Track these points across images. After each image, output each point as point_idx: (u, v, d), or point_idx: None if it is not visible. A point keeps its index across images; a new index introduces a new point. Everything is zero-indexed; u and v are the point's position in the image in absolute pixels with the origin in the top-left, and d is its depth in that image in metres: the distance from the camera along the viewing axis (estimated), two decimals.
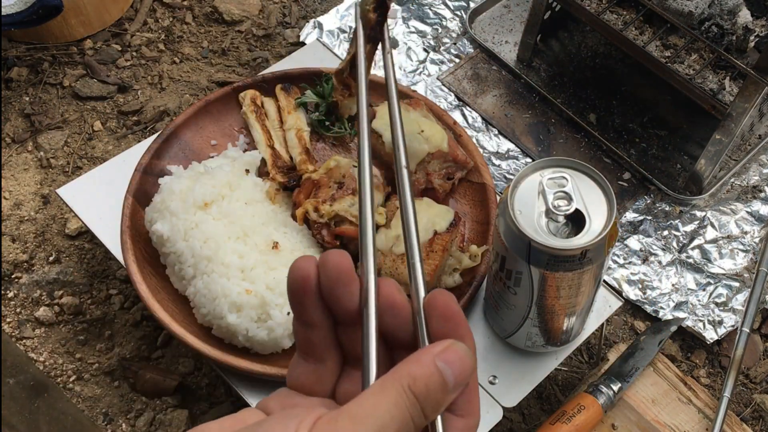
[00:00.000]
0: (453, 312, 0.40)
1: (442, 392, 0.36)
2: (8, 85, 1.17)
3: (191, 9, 1.27)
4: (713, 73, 1.01)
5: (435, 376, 0.36)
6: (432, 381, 0.36)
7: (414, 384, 0.36)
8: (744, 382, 0.97)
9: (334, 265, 0.39)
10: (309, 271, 0.40)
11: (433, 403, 0.36)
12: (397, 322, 0.41)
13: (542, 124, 1.15)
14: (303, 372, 0.42)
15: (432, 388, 0.36)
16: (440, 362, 0.37)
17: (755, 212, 1.08)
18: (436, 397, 0.36)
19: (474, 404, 0.40)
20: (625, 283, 1.02)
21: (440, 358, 0.37)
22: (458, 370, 0.37)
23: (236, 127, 0.99)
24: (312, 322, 0.41)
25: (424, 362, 0.37)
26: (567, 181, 0.69)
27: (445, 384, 0.36)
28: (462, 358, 0.37)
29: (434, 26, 1.25)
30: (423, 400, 0.36)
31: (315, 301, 0.40)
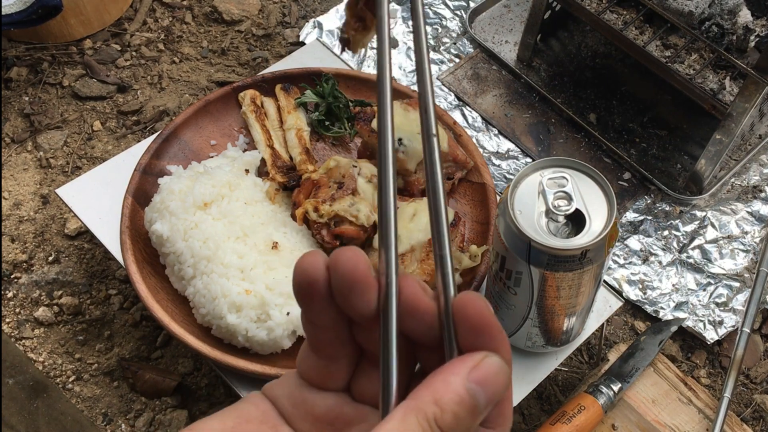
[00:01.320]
0: (487, 323, 0.34)
1: (471, 418, 0.32)
2: (8, 85, 1.17)
3: (191, 9, 1.27)
4: (713, 73, 1.01)
5: (465, 403, 0.32)
6: (461, 409, 0.32)
7: (441, 417, 0.31)
8: (744, 383, 0.97)
9: (349, 270, 0.34)
10: (317, 274, 0.34)
11: (461, 430, 0.32)
12: (422, 327, 0.35)
13: (542, 124, 1.15)
14: (313, 366, 0.37)
15: (462, 418, 0.32)
16: (471, 384, 0.32)
17: (755, 212, 1.07)
18: (466, 426, 0.32)
19: (506, 413, 0.35)
20: (625, 283, 1.01)
21: (472, 379, 0.32)
22: (492, 391, 0.32)
23: (236, 127, 0.99)
24: (321, 324, 0.36)
25: (453, 386, 0.32)
26: (567, 181, 0.69)
27: (476, 408, 0.32)
28: (497, 375, 0.33)
29: (434, 26, 1.25)
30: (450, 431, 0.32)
31: (325, 305, 0.35)
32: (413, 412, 0.32)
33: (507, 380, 0.33)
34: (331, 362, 0.37)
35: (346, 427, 0.37)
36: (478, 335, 0.34)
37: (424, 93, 0.36)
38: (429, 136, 0.36)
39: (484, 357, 0.33)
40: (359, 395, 0.37)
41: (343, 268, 0.34)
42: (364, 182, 0.86)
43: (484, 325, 0.34)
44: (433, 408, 0.31)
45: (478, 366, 0.33)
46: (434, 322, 0.35)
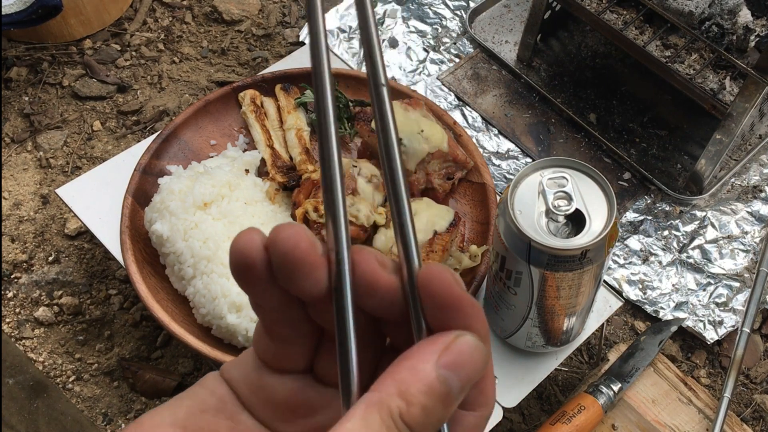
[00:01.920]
0: (456, 298, 0.30)
1: (444, 407, 0.28)
2: (8, 84, 1.17)
3: (191, 9, 1.27)
4: (713, 73, 1.01)
5: (435, 392, 0.28)
6: (431, 399, 0.28)
7: (408, 412, 0.28)
8: (744, 383, 0.97)
9: (289, 249, 0.29)
10: (254, 255, 0.30)
11: (434, 423, 0.29)
12: (384, 304, 0.31)
13: (542, 123, 1.15)
14: (268, 348, 0.33)
15: (432, 408, 0.28)
16: (442, 370, 0.28)
17: (756, 212, 1.07)
18: (438, 416, 0.29)
19: (487, 393, 0.32)
20: (625, 283, 1.01)
21: (443, 364, 0.28)
22: (466, 374, 0.29)
23: (236, 127, 0.99)
24: (269, 307, 0.32)
25: (421, 374, 0.28)
26: (567, 181, 0.69)
27: (449, 396, 0.28)
28: (471, 356, 0.29)
29: (434, 26, 1.25)
30: (421, 428, 0.28)
31: (268, 287, 0.31)
32: (375, 408, 0.28)
33: (484, 360, 0.29)
34: (286, 344, 0.33)
35: (310, 413, 0.33)
36: (446, 312, 0.30)
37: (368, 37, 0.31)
38: (377, 86, 0.31)
39: (456, 337, 0.29)
40: (323, 377, 0.34)
41: (282, 247, 0.29)
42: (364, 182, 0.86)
43: (452, 301, 0.30)
44: (397, 402, 0.28)
45: (450, 348, 0.29)
46: (397, 297, 0.31)
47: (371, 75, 0.31)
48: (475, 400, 0.32)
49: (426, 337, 0.30)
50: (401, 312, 0.31)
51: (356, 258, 0.30)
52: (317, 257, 0.30)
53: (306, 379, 0.34)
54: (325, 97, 0.31)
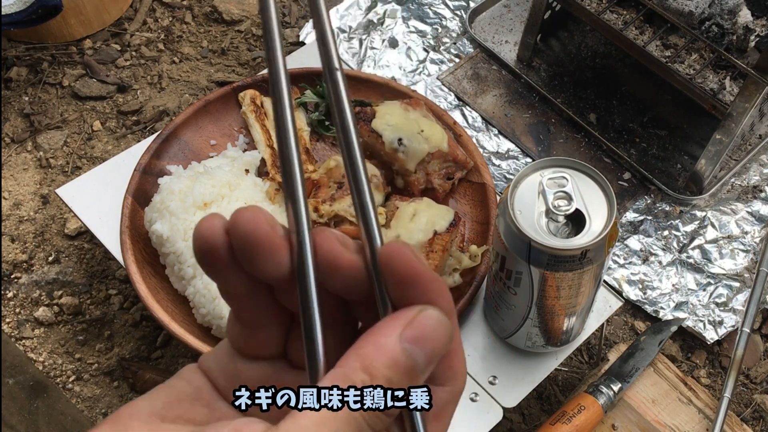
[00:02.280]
0: (416, 273, 0.30)
1: (409, 381, 0.29)
2: (7, 85, 1.17)
3: (191, 9, 1.27)
4: (713, 73, 1.01)
5: (400, 365, 0.28)
6: (395, 372, 0.28)
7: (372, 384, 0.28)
8: (744, 383, 0.97)
9: (249, 232, 0.29)
10: (215, 240, 0.30)
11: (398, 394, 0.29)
12: (349, 284, 0.31)
13: (542, 123, 1.15)
14: (240, 335, 0.33)
15: (396, 381, 0.28)
16: (406, 344, 0.29)
17: (756, 212, 1.07)
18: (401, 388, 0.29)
19: (456, 368, 0.32)
20: (625, 283, 1.01)
21: (406, 338, 0.29)
22: (431, 347, 0.29)
23: (236, 127, 0.99)
24: (235, 293, 0.32)
25: (384, 348, 0.28)
26: (567, 181, 0.69)
27: (414, 369, 0.29)
28: (435, 330, 0.29)
29: (434, 26, 1.25)
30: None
31: (232, 272, 0.31)
32: (339, 381, 0.28)
33: (448, 334, 0.30)
34: (257, 330, 0.33)
35: None
36: (408, 288, 0.30)
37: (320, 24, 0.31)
38: (331, 71, 0.32)
39: (419, 311, 0.29)
40: (296, 361, 0.34)
41: (242, 230, 0.30)
42: None
43: (412, 276, 0.30)
44: (361, 375, 0.28)
45: (413, 322, 0.29)
46: (362, 277, 0.31)
47: (325, 60, 0.32)
48: (444, 375, 0.32)
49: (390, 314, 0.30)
50: (367, 292, 0.31)
51: (318, 239, 0.31)
52: (278, 239, 0.30)
53: (279, 364, 0.34)
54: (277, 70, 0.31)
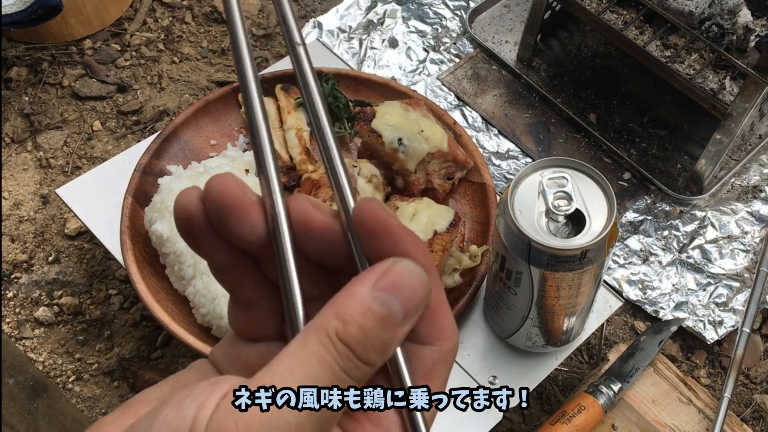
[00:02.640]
0: (385, 225, 0.30)
1: (386, 330, 0.29)
2: (7, 85, 1.17)
3: (191, 9, 1.27)
4: (713, 73, 1.01)
5: (373, 313, 0.28)
6: (369, 320, 0.28)
7: (344, 330, 0.28)
8: (744, 383, 0.97)
9: (219, 194, 0.31)
10: (192, 208, 0.31)
11: (376, 346, 0.29)
12: (325, 247, 0.32)
13: (542, 123, 1.15)
14: (239, 318, 0.35)
15: (371, 329, 0.28)
16: (379, 293, 0.29)
17: (756, 212, 1.07)
18: (379, 338, 0.29)
19: (443, 326, 0.32)
20: (625, 283, 1.01)
21: (380, 287, 0.29)
22: (406, 296, 0.29)
23: (236, 127, 0.99)
24: (219, 265, 0.33)
25: (357, 297, 0.29)
26: (567, 181, 0.69)
27: (390, 318, 0.29)
28: (410, 279, 0.29)
29: (434, 26, 1.25)
30: (360, 347, 0.28)
31: (212, 240, 0.32)
32: (313, 330, 0.28)
33: (423, 284, 0.30)
34: (251, 308, 0.34)
35: None
36: (380, 240, 0.30)
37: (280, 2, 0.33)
38: (293, 47, 0.33)
39: (393, 262, 0.30)
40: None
41: (213, 194, 0.31)
42: (364, 182, 0.86)
43: (382, 228, 0.30)
44: (334, 323, 0.28)
45: (386, 272, 0.29)
46: (337, 240, 0.32)
47: (287, 36, 0.33)
48: (430, 333, 0.31)
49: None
50: (346, 256, 0.32)
51: (291, 203, 0.32)
52: (248, 201, 0.31)
53: (278, 345, 0.34)
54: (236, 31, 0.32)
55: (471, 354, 0.84)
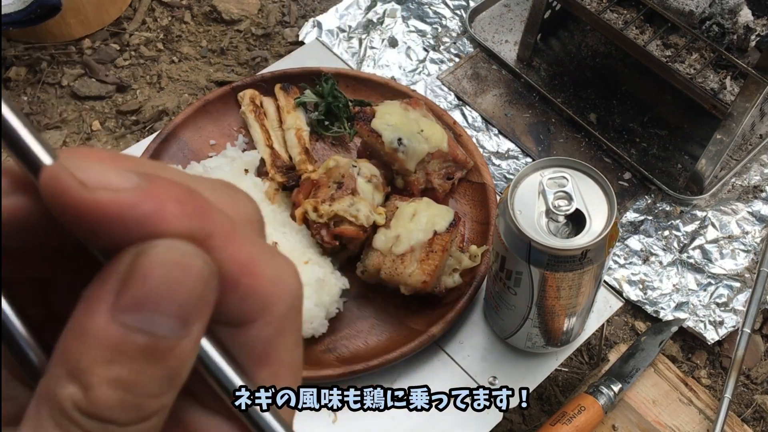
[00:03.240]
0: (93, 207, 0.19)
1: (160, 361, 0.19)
2: (7, 84, 1.17)
3: (190, 8, 1.27)
4: (714, 73, 1.01)
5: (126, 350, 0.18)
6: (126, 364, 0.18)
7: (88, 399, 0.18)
8: (745, 383, 0.97)
9: None
10: None
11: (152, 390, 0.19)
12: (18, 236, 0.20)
13: (542, 123, 1.15)
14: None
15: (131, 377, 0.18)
16: (125, 316, 0.18)
17: (756, 212, 1.07)
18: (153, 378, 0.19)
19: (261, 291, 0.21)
20: (625, 283, 1.01)
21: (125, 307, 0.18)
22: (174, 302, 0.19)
23: (235, 127, 0.99)
24: None
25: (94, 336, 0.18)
26: (567, 181, 0.69)
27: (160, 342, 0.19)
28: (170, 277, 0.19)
29: (434, 25, 1.25)
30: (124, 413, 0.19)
31: None
32: (46, 407, 0.19)
33: (200, 270, 0.19)
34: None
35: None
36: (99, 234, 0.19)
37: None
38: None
39: (134, 258, 0.19)
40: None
41: None
42: (363, 182, 0.86)
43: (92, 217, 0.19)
44: (70, 390, 0.18)
45: (129, 279, 0.19)
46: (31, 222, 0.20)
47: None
48: (245, 308, 0.21)
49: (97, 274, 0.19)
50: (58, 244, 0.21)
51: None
52: None
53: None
54: None
55: (471, 354, 0.84)
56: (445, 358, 0.83)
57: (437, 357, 0.83)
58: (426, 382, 0.82)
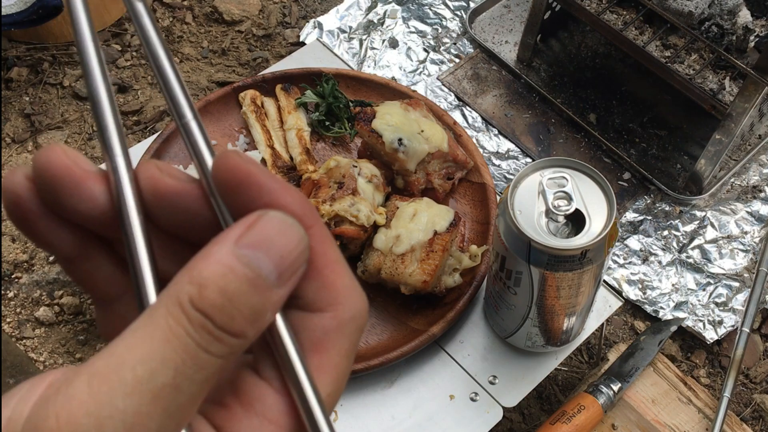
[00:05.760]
0: (246, 174, 0.25)
1: (255, 293, 0.24)
2: (8, 85, 1.17)
3: (191, 9, 1.27)
4: (713, 73, 1.01)
5: (237, 273, 0.23)
6: (232, 281, 0.23)
7: (200, 296, 0.23)
8: (744, 382, 0.97)
9: (44, 167, 0.26)
10: (19, 189, 0.26)
11: (244, 313, 0.24)
12: (182, 215, 0.27)
13: (542, 124, 1.15)
14: (104, 321, 0.29)
15: (236, 292, 0.23)
16: (243, 249, 0.24)
17: (755, 212, 1.08)
18: (247, 303, 0.24)
19: (336, 288, 0.26)
20: (625, 283, 1.02)
21: (244, 244, 0.24)
22: (277, 252, 0.24)
23: (236, 127, 0.99)
24: (65, 255, 0.28)
25: (216, 257, 0.24)
26: (567, 181, 0.69)
27: (260, 279, 0.24)
28: (281, 233, 0.24)
29: (434, 26, 1.25)
30: (222, 315, 0.23)
31: (50, 226, 0.27)
32: (162, 301, 0.23)
33: (299, 239, 0.25)
34: (114, 305, 0.29)
35: None
36: (242, 194, 0.25)
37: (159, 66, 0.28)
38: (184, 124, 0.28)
39: (259, 216, 0.25)
40: None
41: (38, 168, 0.26)
42: (364, 182, 0.86)
43: (243, 179, 0.25)
44: (188, 288, 0.23)
45: (251, 226, 0.24)
46: (194, 206, 0.26)
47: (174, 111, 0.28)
48: (320, 298, 0.26)
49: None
50: (211, 226, 0.26)
51: (138, 170, 0.27)
52: (79, 170, 0.26)
53: None
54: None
55: (471, 354, 0.84)
56: (445, 357, 0.84)
57: (437, 356, 0.83)
58: (426, 382, 0.82)
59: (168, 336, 0.23)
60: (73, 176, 0.26)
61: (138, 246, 0.26)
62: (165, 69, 0.27)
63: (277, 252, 0.24)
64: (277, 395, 0.26)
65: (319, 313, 0.26)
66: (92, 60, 0.28)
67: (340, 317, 0.26)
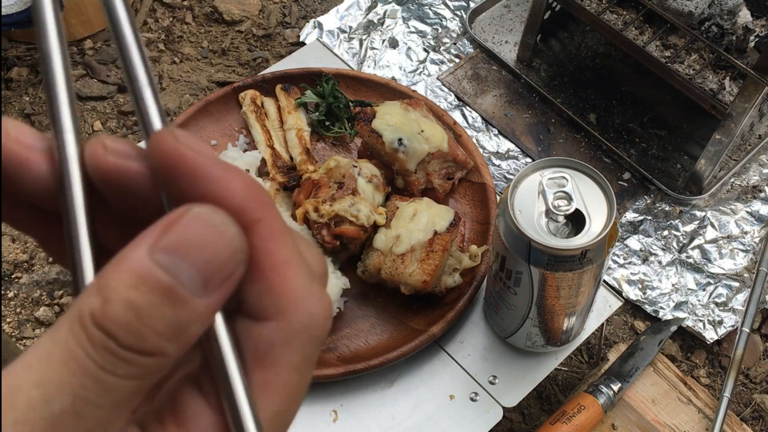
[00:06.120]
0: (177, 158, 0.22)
1: (174, 306, 0.21)
2: (8, 85, 1.17)
3: (191, 9, 1.27)
4: (713, 73, 1.01)
5: (148, 282, 0.20)
6: (144, 293, 0.20)
7: (102, 311, 0.20)
8: (744, 382, 0.97)
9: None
10: None
11: (160, 329, 0.21)
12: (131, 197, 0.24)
13: (542, 124, 1.15)
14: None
15: (148, 305, 0.20)
16: (158, 254, 0.21)
17: (755, 212, 1.08)
18: (164, 318, 0.21)
19: (286, 293, 0.23)
20: (625, 283, 1.02)
21: (161, 247, 0.21)
22: (200, 255, 0.21)
23: (236, 127, 0.99)
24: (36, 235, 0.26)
25: (127, 264, 0.21)
26: (567, 181, 0.69)
27: (179, 288, 0.21)
28: (205, 234, 0.21)
29: (434, 26, 1.25)
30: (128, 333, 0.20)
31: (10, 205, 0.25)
32: (67, 315, 0.21)
33: (229, 238, 0.22)
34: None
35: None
36: (175, 181, 0.22)
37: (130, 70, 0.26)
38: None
39: (184, 212, 0.21)
40: None
41: None
42: (364, 182, 0.86)
43: (175, 163, 0.22)
44: (92, 301, 0.20)
45: (170, 227, 0.21)
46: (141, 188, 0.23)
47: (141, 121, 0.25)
48: (264, 304, 0.23)
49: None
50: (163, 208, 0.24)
51: (86, 146, 0.24)
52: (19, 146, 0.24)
53: None
54: None
55: (471, 354, 0.84)
56: (445, 357, 0.84)
57: (437, 356, 0.83)
58: (426, 382, 0.82)
59: (66, 357, 0.20)
60: (17, 156, 0.24)
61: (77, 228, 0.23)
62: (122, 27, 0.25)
63: (201, 256, 0.21)
64: (213, 414, 0.23)
65: (263, 321, 0.23)
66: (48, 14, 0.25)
67: (289, 327, 0.23)
